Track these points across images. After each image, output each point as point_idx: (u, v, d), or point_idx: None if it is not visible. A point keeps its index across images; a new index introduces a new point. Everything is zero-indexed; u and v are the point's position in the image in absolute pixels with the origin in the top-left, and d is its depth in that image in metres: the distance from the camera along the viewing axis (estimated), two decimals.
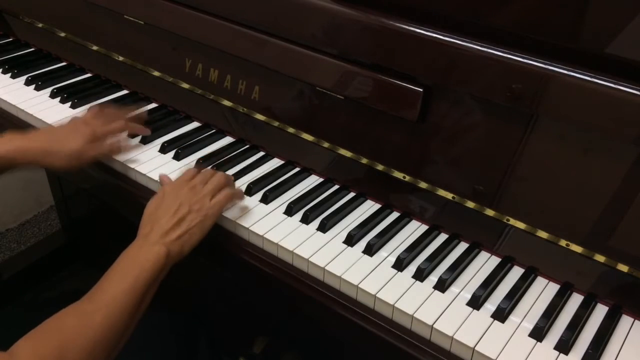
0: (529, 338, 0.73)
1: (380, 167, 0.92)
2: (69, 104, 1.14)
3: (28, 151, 0.91)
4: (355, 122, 0.93)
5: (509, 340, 0.73)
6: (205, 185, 0.86)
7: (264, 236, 0.85)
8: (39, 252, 1.82)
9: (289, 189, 0.95)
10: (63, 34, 1.28)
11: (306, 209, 0.90)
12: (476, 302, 0.77)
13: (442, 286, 0.79)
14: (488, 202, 0.84)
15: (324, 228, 0.87)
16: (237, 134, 1.07)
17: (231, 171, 0.98)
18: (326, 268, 0.80)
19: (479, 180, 0.84)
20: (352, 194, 0.95)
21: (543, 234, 0.81)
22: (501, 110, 0.79)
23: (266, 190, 0.93)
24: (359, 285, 0.78)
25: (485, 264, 0.84)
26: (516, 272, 0.83)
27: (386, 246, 0.85)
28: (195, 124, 1.11)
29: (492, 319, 0.75)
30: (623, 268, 0.77)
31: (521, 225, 0.82)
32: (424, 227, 0.89)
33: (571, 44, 0.76)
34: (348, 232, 0.86)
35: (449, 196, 0.87)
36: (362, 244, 0.85)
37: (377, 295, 0.77)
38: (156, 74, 1.15)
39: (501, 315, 0.75)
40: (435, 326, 0.73)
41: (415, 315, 0.75)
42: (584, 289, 0.80)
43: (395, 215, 0.92)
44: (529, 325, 0.75)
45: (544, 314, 0.76)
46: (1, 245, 1.96)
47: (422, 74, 0.84)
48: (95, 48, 1.24)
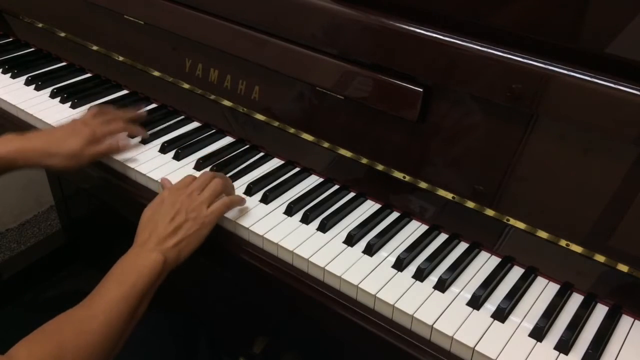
0: (529, 338, 0.73)
1: (380, 167, 0.92)
2: (69, 104, 1.14)
3: (27, 152, 0.91)
4: (355, 122, 0.93)
5: (509, 340, 0.73)
6: (202, 193, 0.85)
7: (264, 236, 0.85)
8: (39, 252, 1.82)
9: (289, 189, 0.95)
10: (63, 34, 1.28)
11: (306, 209, 0.90)
12: (476, 302, 0.77)
13: (442, 286, 0.79)
14: (488, 202, 0.84)
15: (324, 228, 0.87)
16: (237, 134, 1.07)
17: (231, 171, 0.98)
18: (326, 268, 0.80)
19: (479, 180, 0.84)
20: (352, 194, 0.95)
21: (543, 234, 0.81)
22: (501, 110, 0.79)
23: (266, 190, 0.93)
24: (359, 285, 0.78)
25: (485, 264, 0.84)
26: (516, 272, 0.83)
27: (386, 246, 0.85)
28: (195, 124, 1.11)
29: (492, 319, 0.75)
30: (623, 268, 0.77)
31: (521, 225, 0.82)
32: (424, 227, 0.89)
33: (571, 44, 0.76)
34: (348, 232, 0.86)
35: (449, 196, 0.87)
36: (362, 244, 0.85)
37: (377, 295, 0.77)
38: (156, 74, 1.15)
39: (501, 315, 0.75)
40: (435, 326, 0.73)
41: (415, 315, 0.75)
42: (584, 289, 0.80)
43: (395, 215, 0.92)
44: (529, 325, 0.75)
45: (544, 314, 0.76)
46: (1, 245, 1.96)
47: (422, 74, 0.84)
48: (95, 48, 1.24)
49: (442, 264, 0.83)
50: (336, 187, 0.97)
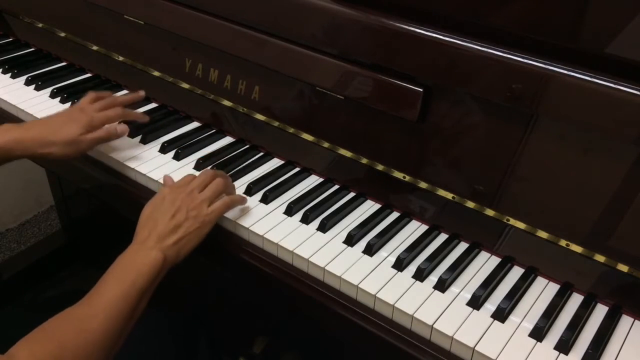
0: (529, 338, 0.73)
1: (380, 167, 0.92)
2: (69, 104, 1.14)
3: (24, 141, 0.91)
4: (355, 122, 0.93)
5: (509, 340, 0.73)
6: (203, 191, 0.85)
7: (264, 236, 0.85)
8: (39, 252, 1.82)
9: (289, 189, 0.95)
10: (63, 34, 1.28)
11: (306, 209, 0.90)
12: (476, 302, 0.77)
13: (442, 286, 0.79)
14: (488, 202, 0.84)
15: (324, 228, 0.87)
16: (237, 134, 1.07)
17: (231, 171, 0.98)
18: (326, 268, 0.80)
19: (479, 180, 0.84)
20: (352, 194, 0.95)
21: (543, 234, 0.81)
22: (501, 110, 0.79)
23: (266, 190, 0.93)
24: (359, 285, 0.78)
25: (485, 264, 0.84)
26: (516, 272, 0.83)
27: (386, 246, 0.85)
28: (195, 124, 1.11)
29: (492, 319, 0.75)
30: (623, 268, 0.77)
31: (521, 225, 0.82)
32: (424, 227, 0.89)
33: (571, 44, 0.76)
34: (348, 232, 0.86)
35: (449, 196, 0.87)
36: (362, 244, 0.85)
37: (377, 295, 0.77)
38: (156, 74, 1.15)
39: (501, 315, 0.75)
40: (435, 326, 0.73)
41: (415, 315, 0.75)
42: (584, 289, 0.80)
43: (395, 215, 0.92)
44: (529, 325, 0.75)
45: (544, 314, 0.76)
46: (1, 245, 1.96)
47: (422, 74, 0.84)
48: (95, 48, 1.24)
49: (442, 264, 0.83)
50: (336, 187, 0.97)
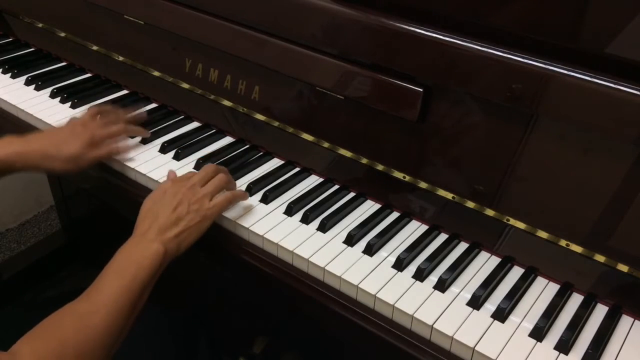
0: (529, 338, 0.73)
1: (380, 167, 0.92)
2: (69, 104, 1.14)
3: (26, 155, 0.91)
4: (355, 122, 0.93)
5: (509, 340, 0.73)
6: (205, 186, 0.85)
7: (264, 236, 0.85)
8: (39, 252, 1.82)
9: (289, 189, 0.95)
10: (63, 34, 1.28)
11: (306, 209, 0.90)
12: (476, 302, 0.77)
13: (442, 286, 0.79)
14: (488, 202, 0.84)
15: (324, 228, 0.87)
16: (237, 134, 1.07)
17: (231, 171, 0.98)
18: (326, 268, 0.80)
19: (479, 180, 0.84)
20: (352, 194, 0.95)
21: (543, 234, 0.81)
22: (501, 110, 0.79)
23: (266, 190, 0.93)
24: (359, 285, 0.78)
25: (485, 264, 0.84)
26: (516, 272, 0.83)
27: (386, 246, 0.85)
28: (195, 124, 1.11)
29: (492, 319, 0.75)
30: (623, 268, 0.77)
31: (521, 225, 0.82)
32: (424, 227, 0.89)
33: (571, 44, 0.76)
34: (348, 232, 0.86)
35: (449, 196, 0.87)
36: (362, 244, 0.85)
37: (377, 295, 0.77)
38: (156, 74, 1.15)
39: (501, 315, 0.75)
40: (435, 326, 0.73)
41: (415, 315, 0.75)
42: (584, 289, 0.80)
43: (395, 215, 0.92)
44: (529, 325, 0.75)
45: (544, 314, 0.76)
46: (1, 245, 1.96)
47: (422, 74, 0.84)
48: (95, 48, 1.24)
49: (442, 264, 0.83)
50: (336, 187, 0.97)
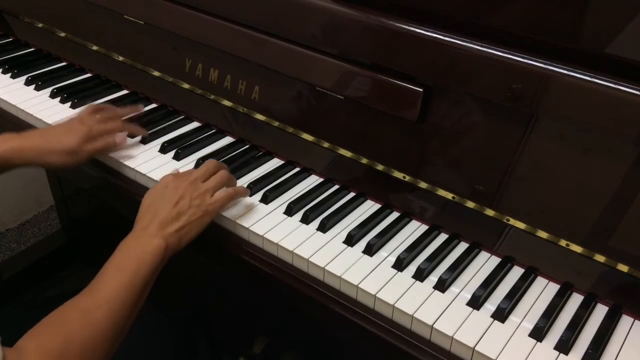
0: (529, 338, 0.73)
1: (380, 167, 0.92)
2: (69, 104, 1.14)
3: (24, 151, 0.91)
4: (355, 122, 0.93)
5: (509, 340, 0.73)
6: (207, 181, 0.86)
7: (264, 236, 0.85)
8: (39, 252, 1.82)
9: (289, 189, 0.95)
10: (63, 34, 1.28)
11: (306, 209, 0.90)
12: (476, 302, 0.77)
13: (442, 286, 0.79)
14: (488, 202, 0.84)
15: (324, 228, 0.87)
16: (237, 134, 1.07)
17: (231, 171, 0.98)
18: (326, 268, 0.80)
19: (479, 180, 0.84)
20: (352, 194, 0.95)
21: (543, 234, 0.81)
22: (501, 110, 0.79)
23: (266, 190, 0.93)
24: (359, 285, 0.78)
25: (485, 264, 0.84)
26: (516, 272, 0.83)
27: (386, 246, 0.85)
28: (195, 124, 1.11)
29: (492, 319, 0.75)
30: (623, 268, 0.77)
31: (521, 225, 0.82)
32: (424, 227, 0.89)
33: (571, 44, 0.76)
34: (348, 232, 0.86)
35: (449, 196, 0.87)
36: (362, 244, 0.85)
37: (377, 295, 0.77)
38: (156, 74, 1.15)
39: (501, 315, 0.75)
40: (435, 326, 0.73)
41: (415, 315, 0.75)
42: (584, 289, 0.80)
43: (395, 215, 0.92)
44: (529, 325, 0.75)
45: (544, 314, 0.76)
46: (1, 245, 1.96)
47: (422, 74, 0.84)
48: (95, 48, 1.24)
49: (442, 264, 0.83)
50: (336, 187, 0.97)
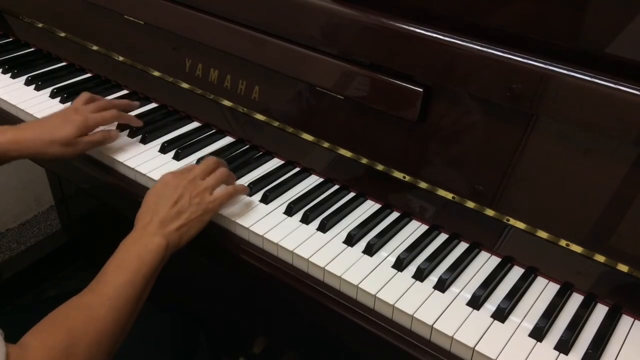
0: (529, 338, 0.73)
1: (380, 167, 0.92)
2: (69, 104, 1.13)
3: (20, 142, 0.91)
4: (355, 122, 0.93)
5: (509, 340, 0.73)
6: (206, 179, 0.86)
7: (264, 236, 0.85)
8: (39, 252, 1.83)
9: (289, 189, 0.95)
10: (63, 34, 1.28)
11: (306, 209, 0.90)
12: (476, 302, 0.77)
13: (442, 286, 0.79)
14: (488, 202, 0.84)
15: (324, 228, 0.87)
16: (237, 134, 1.07)
17: (231, 171, 0.98)
18: (326, 268, 0.80)
19: (479, 180, 0.84)
20: (352, 194, 0.95)
21: (543, 234, 0.81)
22: (501, 110, 0.79)
23: (266, 190, 0.93)
24: (359, 285, 0.78)
25: (485, 264, 0.84)
26: (516, 272, 0.83)
27: (386, 246, 0.85)
28: (195, 124, 1.11)
29: (492, 319, 0.75)
30: (623, 268, 0.77)
31: (521, 225, 0.82)
32: (424, 227, 0.89)
33: (571, 44, 0.76)
34: (348, 232, 0.86)
35: (449, 196, 0.87)
36: (362, 244, 0.85)
37: (377, 295, 0.77)
38: (156, 74, 1.15)
39: (501, 315, 0.75)
40: (435, 326, 0.73)
41: (415, 315, 0.75)
42: (584, 289, 0.80)
43: (395, 215, 0.92)
44: (529, 325, 0.75)
45: (544, 314, 0.76)
46: (1, 245, 1.96)
47: (422, 74, 0.84)
48: (95, 48, 1.24)
49: (442, 264, 0.83)
50: (336, 187, 0.97)
